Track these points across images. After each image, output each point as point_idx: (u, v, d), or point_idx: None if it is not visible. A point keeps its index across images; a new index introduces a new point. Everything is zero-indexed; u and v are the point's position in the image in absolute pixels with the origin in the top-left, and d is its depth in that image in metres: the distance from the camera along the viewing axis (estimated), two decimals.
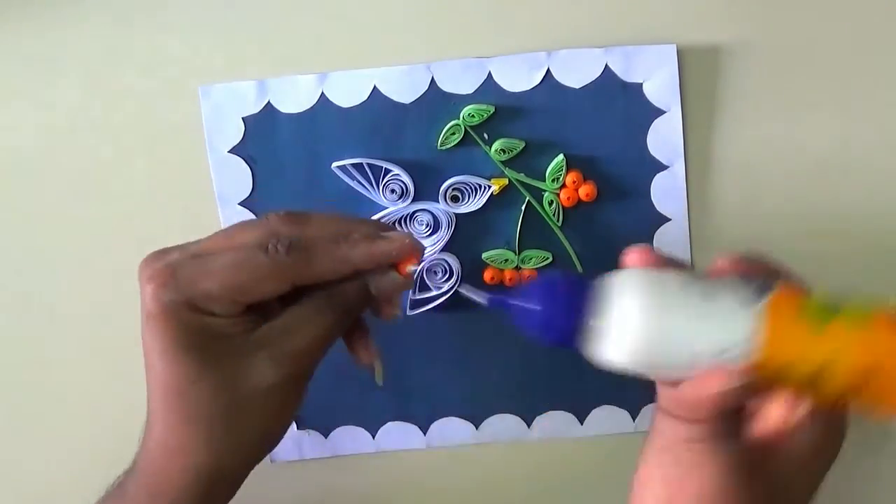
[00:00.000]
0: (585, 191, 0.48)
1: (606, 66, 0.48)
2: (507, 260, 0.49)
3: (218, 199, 0.49)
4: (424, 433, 0.51)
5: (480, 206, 0.48)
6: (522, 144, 0.48)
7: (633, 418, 0.51)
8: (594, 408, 0.51)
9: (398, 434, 0.51)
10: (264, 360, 0.38)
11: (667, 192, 0.49)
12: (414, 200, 0.49)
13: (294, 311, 0.39)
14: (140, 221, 0.50)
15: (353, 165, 0.48)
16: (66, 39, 0.49)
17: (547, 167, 0.48)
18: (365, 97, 0.48)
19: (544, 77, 0.48)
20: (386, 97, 0.48)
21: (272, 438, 0.41)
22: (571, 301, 0.36)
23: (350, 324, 0.41)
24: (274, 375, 0.38)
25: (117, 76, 0.49)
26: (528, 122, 0.48)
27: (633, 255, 0.37)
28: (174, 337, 0.37)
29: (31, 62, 0.49)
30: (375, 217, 0.48)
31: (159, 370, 0.37)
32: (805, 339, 0.33)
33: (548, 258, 0.49)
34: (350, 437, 0.51)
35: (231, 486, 0.41)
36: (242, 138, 0.48)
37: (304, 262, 0.38)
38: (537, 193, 0.49)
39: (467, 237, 0.49)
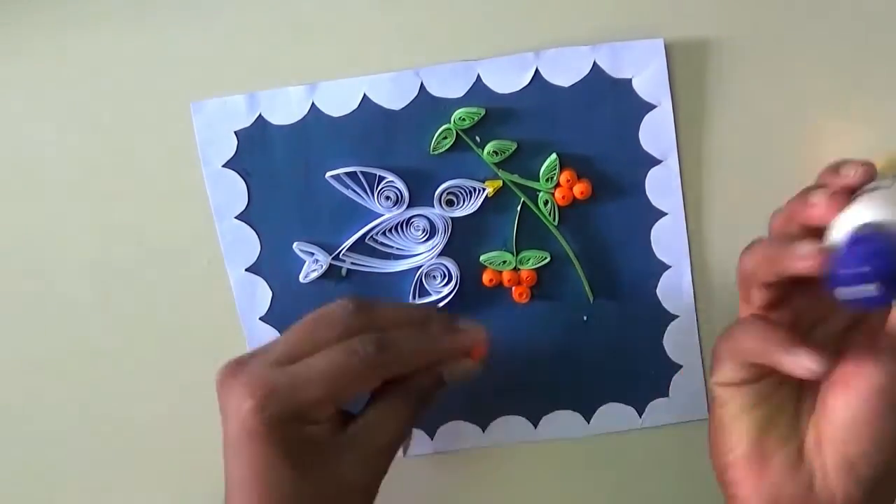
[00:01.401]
0: (580, 189, 0.48)
1: (595, 63, 0.48)
2: (504, 261, 0.49)
3: (214, 213, 0.49)
4: (431, 437, 0.51)
5: (476, 209, 0.48)
6: (515, 145, 0.48)
7: (640, 415, 0.51)
8: (600, 406, 0.51)
9: None
10: (355, 461, 0.39)
11: (662, 187, 0.49)
12: (409, 206, 0.49)
13: (377, 407, 0.41)
14: (136, 238, 0.50)
15: (347, 174, 0.48)
16: (51, 64, 0.49)
17: (540, 167, 0.48)
18: (355, 106, 0.48)
19: (533, 77, 0.48)
20: (376, 105, 0.48)
21: None
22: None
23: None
24: (364, 474, 0.40)
25: (108, 95, 0.49)
26: (519, 122, 0.48)
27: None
28: (278, 451, 0.37)
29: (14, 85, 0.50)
30: (374, 223, 0.49)
31: (260, 478, 0.37)
32: None
33: (546, 258, 0.49)
34: None
35: None
36: (236, 152, 0.49)
37: (393, 360, 0.40)
38: (532, 194, 0.49)
39: (464, 240, 0.49)
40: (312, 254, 0.49)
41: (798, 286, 0.36)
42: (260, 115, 0.48)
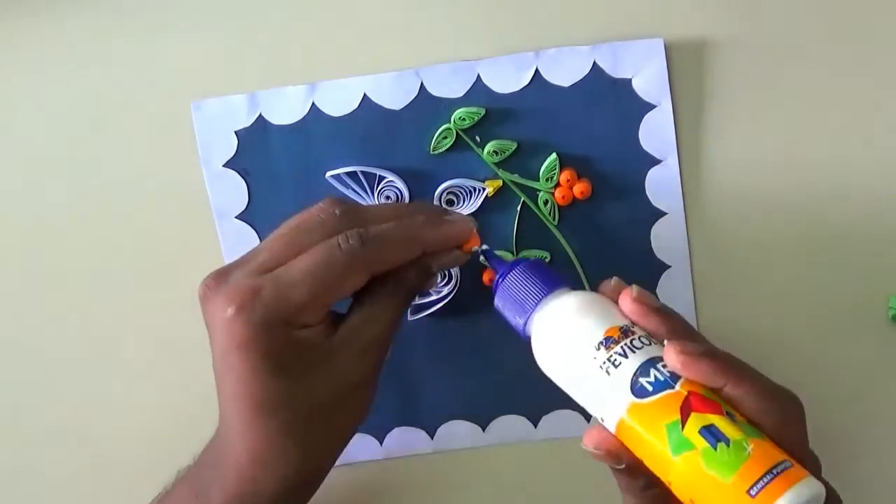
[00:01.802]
0: (580, 189, 0.48)
1: (594, 63, 0.48)
2: None
3: (215, 213, 0.49)
4: (431, 437, 0.51)
5: (476, 208, 0.48)
6: (515, 145, 0.48)
7: None
8: None
9: (405, 439, 0.51)
10: (350, 358, 0.38)
11: (661, 187, 0.49)
12: None
13: (367, 302, 0.40)
14: (137, 237, 0.50)
15: (348, 174, 0.48)
16: (52, 64, 0.49)
17: (540, 167, 0.48)
18: (355, 106, 0.48)
19: (533, 77, 0.48)
20: (376, 104, 0.48)
21: (357, 427, 0.41)
22: (531, 288, 0.38)
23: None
24: (361, 370, 0.39)
25: (109, 95, 0.49)
26: (519, 122, 0.48)
27: (608, 286, 0.39)
28: (267, 358, 0.36)
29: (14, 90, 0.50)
30: None
31: (249, 390, 0.37)
32: (658, 451, 0.33)
33: (546, 257, 0.49)
34: (357, 445, 0.51)
35: (319, 481, 0.41)
36: (236, 152, 0.49)
37: (380, 253, 0.38)
38: (532, 193, 0.49)
39: None
40: None
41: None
42: (260, 114, 0.48)
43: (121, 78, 0.49)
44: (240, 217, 0.49)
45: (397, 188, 0.48)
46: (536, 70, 0.48)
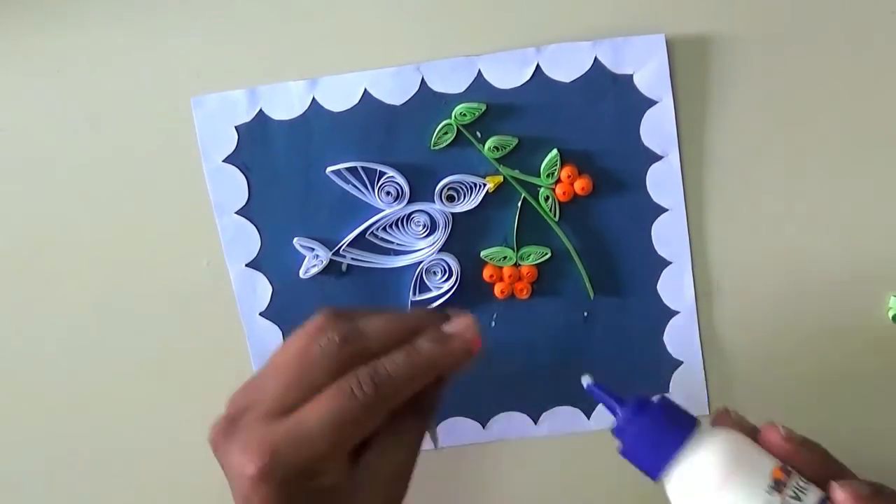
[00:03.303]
0: (581, 185, 0.48)
1: (596, 58, 0.47)
2: (505, 257, 0.49)
3: (215, 208, 0.49)
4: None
5: (476, 204, 0.48)
6: (515, 141, 0.48)
7: None
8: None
9: None
10: (373, 494, 0.37)
11: (663, 183, 0.49)
12: (409, 202, 0.49)
13: (384, 438, 0.38)
14: (137, 233, 0.50)
15: (348, 169, 0.48)
16: (52, 60, 0.49)
17: (541, 163, 0.48)
18: (356, 101, 0.48)
19: (534, 73, 0.48)
20: (377, 100, 0.48)
21: None
22: (668, 434, 0.36)
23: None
24: (383, 501, 0.38)
25: (109, 91, 0.49)
26: (520, 118, 0.48)
27: (726, 419, 0.37)
28: None
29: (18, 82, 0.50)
30: (374, 219, 0.49)
31: None
32: None
33: (546, 253, 0.49)
34: None
35: None
36: (236, 147, 0.49)
37: (392, 394, 0.37)
38: (533, 189, 0.48)
39: (465, 236, 0.49)
40: (313, 249, 0.49)
41: None
42: (260, 110, 0.48)
43: (121, 73, 0.49)
44: (240, 212, 0.49)
45: (397, 183, 0.48)
46: (538, 66, 0.48)
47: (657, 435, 0.36)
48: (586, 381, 0.39)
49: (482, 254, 0.49)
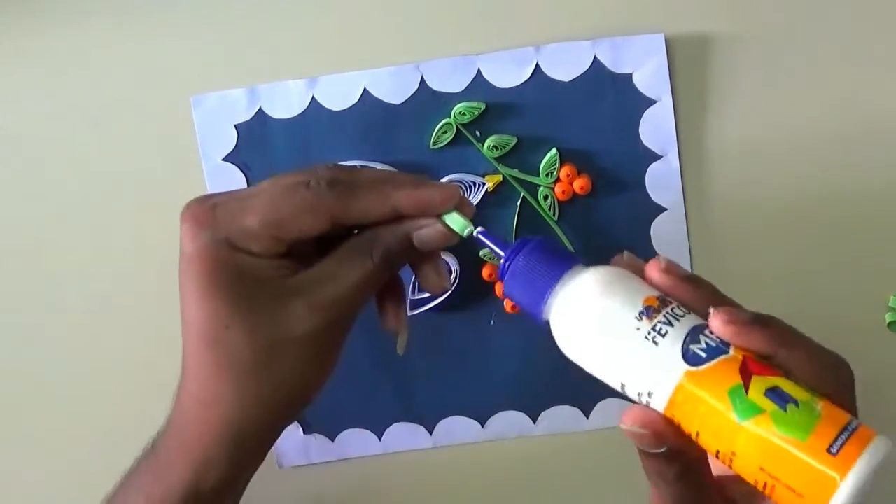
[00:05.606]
0: (580, 184, 0.48)
1: (595, 58, 0.48)
2: None
3: None
4: (430, 433, 0.51)
5: (475, 203, 0.48)
6: (515, 140, 0.48)
7: None
8: (599, 401, 0.51)
9: (404, 435, 0.51)
10: (301, 307, 0.36)
11: (661, 182, 0.49)
12: None
13: (334, 255, 0.37)
14: (137, 231, 0.50)
15: None
16: (52, 60, 0.49)
17: (540, 162, 0.48)
18: (355, 100, 0.48)
19: (533, 72, 0.48)
20: (376, 99, 0.48)
21: (305, 393, 0.38)
22: (546, 269, 0.35)
23: (388, 278, 0.38)
24: (310, 322, 0.36)
25: (109, 90, 0.49)
26: (519, 117, 0.48)
27: (621, 259, 0.36)
28: (209, 277, 0.35)
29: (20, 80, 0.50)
30: None
31: (193, 315, 0.36)
32: (721, 419, 0.31)
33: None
34: (356, 440, 0.51)
35: (261, 446, 0.39)
36: (236, 146, 0.49)
37: (346, 198, 0.36)
38: (532, 188, 0.49)
39: None
40: None
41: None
42: (260, 108, 0.48)
43: (121, 72, 0.49)
44: None
45: None
46: (537, 65, 0.48)
47: (536, 271, 0.35)
48: (476, 230, 0.38)
49: (481, 253, 0.49)
